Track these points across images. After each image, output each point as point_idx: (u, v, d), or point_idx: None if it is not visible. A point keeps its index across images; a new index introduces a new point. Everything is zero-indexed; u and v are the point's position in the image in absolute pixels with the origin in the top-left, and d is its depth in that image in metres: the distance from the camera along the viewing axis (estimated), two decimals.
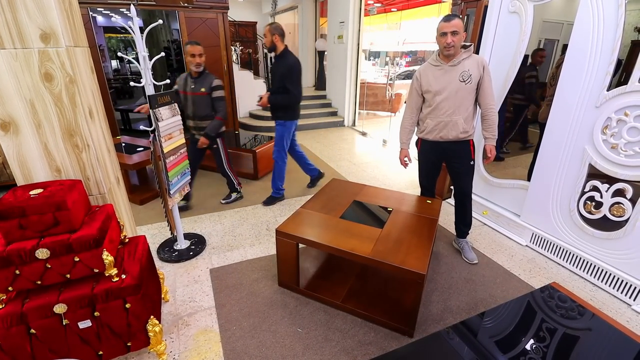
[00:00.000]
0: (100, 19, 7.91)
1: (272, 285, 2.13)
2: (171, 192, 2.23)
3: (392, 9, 10.82)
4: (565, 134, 2.25)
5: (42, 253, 1.26)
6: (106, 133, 1.78)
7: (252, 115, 6.99)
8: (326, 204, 2.25)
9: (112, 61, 9.13)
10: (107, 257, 1.36)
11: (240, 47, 8.38)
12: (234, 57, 7.64)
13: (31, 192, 1.32)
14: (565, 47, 2.25)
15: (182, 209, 3.08)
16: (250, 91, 6.98)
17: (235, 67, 6.55)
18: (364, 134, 6.30)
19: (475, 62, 2.09)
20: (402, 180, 4.04)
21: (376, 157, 4.97)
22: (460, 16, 2.10)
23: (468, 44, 2.13)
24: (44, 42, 1.37)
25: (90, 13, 4.62)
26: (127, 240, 1.68)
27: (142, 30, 2.01)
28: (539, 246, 2.55)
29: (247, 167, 4.12)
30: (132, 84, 2.04)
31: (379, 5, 9.86)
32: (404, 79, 10.63)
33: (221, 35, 5.29)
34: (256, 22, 10.37)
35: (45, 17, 1.34)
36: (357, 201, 2.32)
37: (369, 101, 7.71)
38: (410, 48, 14.01)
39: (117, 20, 1.95)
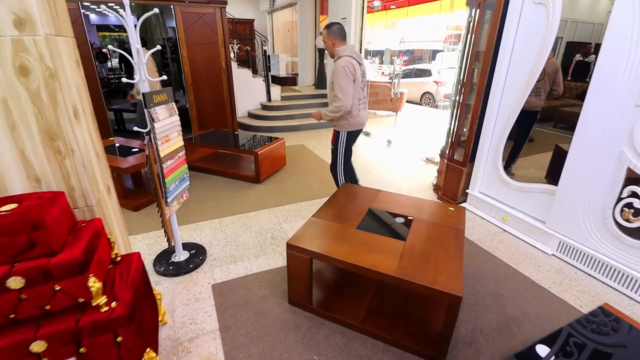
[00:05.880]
0: (93, 17, 7.64)
1: (282, 303, 1.93)
2: (168, 200, 2.01)
3: (391, 7, 10.64)
4: (599, 135, 2.07)
5: (15, 282, 1.05)
6: (94, 135, 1.57)
7: (251, 115, 6.77)
8: (340, 213, 2.05)
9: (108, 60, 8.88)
10: (95, 284, 1.15)
11: (238, 45, 8.15)
12: (232, 55, 7.42)
13: (2, 208, 1.10)
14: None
15: None
16: (249, 90, 6.77)
17: (234, 65, 6.33)
18: (367, 133, 6.11)
19: None
20: (411, 182, 3.85)
21: (381, 158, 4.78)
22: (327, 29, 2.54)
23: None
24: (18, 29, 1.15)
25: (82, 11, 4.36)
26: (118, 259, 1.47)
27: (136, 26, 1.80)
28: (567, 255, 2.37)
29: (249, 170, 3.91)
30: (124, 80, 1.82)
31: (378, 3, 9.66)
32: (402, 77, 10.45)
33: (219, 32, 5.07)
34: (253, 20, 10.15)
35: (20, 0, 1.13)
36: (373, 209, 2.12)
37: (370, 100, 7.51)
38: (407, 47, 13.85)
39: (108, 12, 1.73)
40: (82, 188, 1.38)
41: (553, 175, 3.58)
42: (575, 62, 5.24)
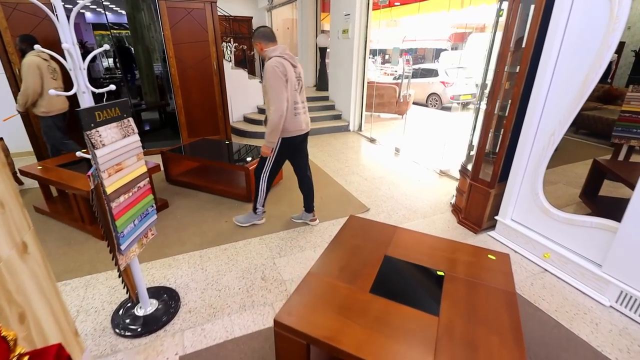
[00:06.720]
0: (88, 15, 7.22)
1: None
2: (122, 247, 1.54)
3: (396, 3, 10.12)
4: None
5: None
6: None
7: (247, 120, 6.28)
8: (347, 264, 1.57)
9: (102, 60, 8.41)
10: None
11: (234, 44, 7.67)
12: (227, 55, 6.94)
13: None
14: None
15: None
16: (245, 92, 6.28)
17: (228, 65, 5.85)
18: (372, 140, 5.62)
19: None
20: (426, 201, 3.36)
21: (389, 169, 4.29)
22: (253, 35, 2.40)
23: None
24: None
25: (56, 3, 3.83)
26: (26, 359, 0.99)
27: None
28: (631, 309, 1.89)
29: (240, 187, 3.43)
30: (52, 92, 1.34)
31: None
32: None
33: (210, 29, 4.59)
34: (252, 17, 9.67)
35: None
36: (390, 258, 1.64)
37: (375, 102, 7.02)
38: (410, 45, 13.39)
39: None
40: None
41: (590, 195, 3.10)
42: None
